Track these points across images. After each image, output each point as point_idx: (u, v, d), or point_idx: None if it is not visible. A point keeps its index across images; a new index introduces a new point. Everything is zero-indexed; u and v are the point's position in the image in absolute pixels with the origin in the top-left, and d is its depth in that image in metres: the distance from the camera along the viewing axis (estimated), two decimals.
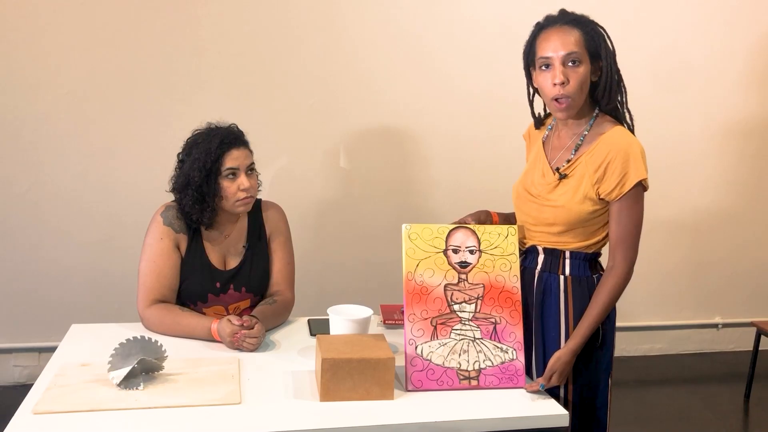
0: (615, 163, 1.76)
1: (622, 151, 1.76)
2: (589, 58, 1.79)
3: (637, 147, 1.78)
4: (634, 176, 1.75)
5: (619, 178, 1.76)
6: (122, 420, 1.53)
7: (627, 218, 1.79)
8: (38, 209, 3.21)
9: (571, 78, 1.77)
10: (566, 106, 1.79)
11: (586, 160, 1.81)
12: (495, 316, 1.80)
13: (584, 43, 1.78)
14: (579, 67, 1.77)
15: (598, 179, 1.78)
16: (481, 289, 1.80)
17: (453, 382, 1.74)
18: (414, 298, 1.77)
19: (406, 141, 3.51)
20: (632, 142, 1.79)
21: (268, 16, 3.26)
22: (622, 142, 1.78)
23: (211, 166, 2.04)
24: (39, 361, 3.31)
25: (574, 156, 1.84)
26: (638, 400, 3.47)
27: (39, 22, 3.08)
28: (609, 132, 1.81)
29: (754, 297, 4.10)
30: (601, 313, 1.79)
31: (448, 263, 1.80)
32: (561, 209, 1.83)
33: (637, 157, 1.76)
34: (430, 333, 1.76)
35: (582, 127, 1.86)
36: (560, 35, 1.78)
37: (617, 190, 1.77)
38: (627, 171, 1.75)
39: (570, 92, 1.77)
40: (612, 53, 1.81)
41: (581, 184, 1.80)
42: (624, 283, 1.81)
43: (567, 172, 1.83)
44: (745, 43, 3.76)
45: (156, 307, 2.05)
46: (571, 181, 1.82)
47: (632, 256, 1.81)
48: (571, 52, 1.76)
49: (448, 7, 3.42)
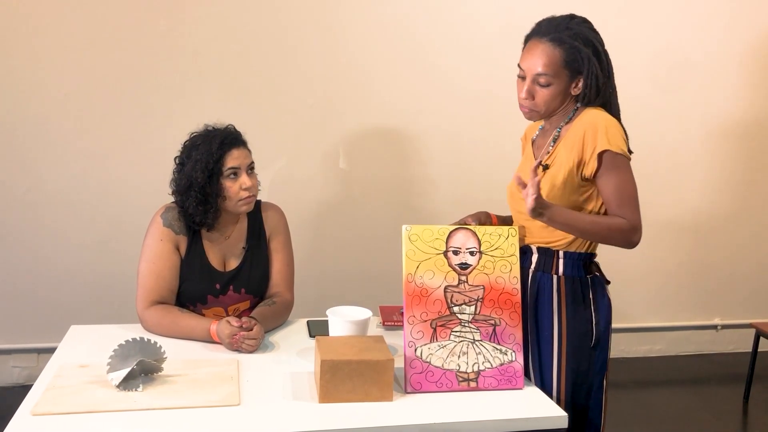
0: (585, 140, 1.78)
1: (588, 127, 1.78)
2: (569, 74, 1.80)
3: (601, 119, 1.79)
4: (600, 147, 1.76)
5: (589, 152, 1.78)
6: (121, 421, 1.53)
7: (617, 189, 1.78)
8: (37, 211, 3.21)
9: (536, 96, 1.83)
10: (528, 114, 1.87)
11: (562, 146, 1.83)
12: (495, 318, 1.79)
13: (563, 62, 1.79)
14: (546, 89, 1.81)
15: (574, 161, 1.80)
16: (481, 290, 1.80)
17: (452, 384, 1.74)
18: (414, 300, 1.77)
19: (405, 142, 3.51)
20: (597, 116, 1.80)
21: (267, 17, 3.26)
22: (588, 120, 1.80)
23: (213, 167, 2.04)
24: (38, 362, 3.31)
25: (552, 147, 1.86)
26: (637, 402, 3.47)
27: (37, 24, 3.08)
28: (581, 114, 1.84)
29: (753, 298, 4.10)
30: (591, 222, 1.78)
31: (449, 265, 1.80)
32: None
33: (601, 128, 1.77)
34: (430, 335, 1.76)
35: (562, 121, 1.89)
36: (537, 53, 1.81)
37: (590, 165, 1.78)
38: (594, 145, 1.77)
39: (533, 107, 1.84)
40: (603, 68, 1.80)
41: (560, 170, 1.82)
42: (626, 232, 1.77)
43: (548, 162, 1.85)
44: (745, 42, 3.76)
45: (155, 309, 2.05)
46: (551, 170, 1.84)
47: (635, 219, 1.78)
48: (539, 74, 1.80)
49: (448, 8, 3.42)
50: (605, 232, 1.79)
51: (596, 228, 1.79)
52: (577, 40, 1.79)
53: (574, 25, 1.82)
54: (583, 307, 1.85)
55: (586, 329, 1.85)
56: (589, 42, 1.80)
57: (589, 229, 1.79)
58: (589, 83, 1.80)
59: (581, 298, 1.85)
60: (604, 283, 1.91)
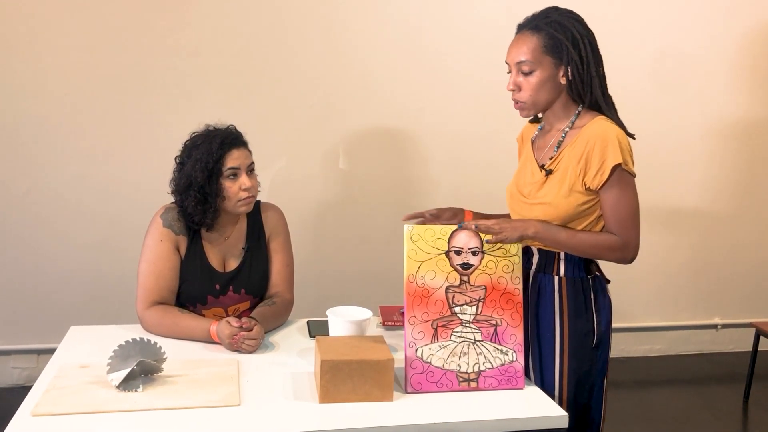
0: (594, 151, 1.77)
1: (599, 139, 1.77)
2: (553, 61, 1.79)
3: (613, 133, 1.77)
4: (611, 161, 1.75)
5: (598, 165, 1.77)
6: (121, 422, 1.53)
7: (617, 205, 1.78)
8: (37, 211, 3.21)
9: (522, 87, 1.83)
10: (520, 108, 1.86)
11: (569, 153, 1.82)
12: (496, 318, 1.79)
13: (543, 49, 1.78)
14: (531, 76, 1.80)
15: (581, 170, 1.79)
16: (483, 291, 1.80)
17: (452, 384, 1.74)
18: (415, 300, 1.76)
19: (405, 141, 3.51)
20: (609, 128, 1.79)
21: (267, 17, 3.26)
22: (599, 130, 1.78)
23: (213, 167, 2.04)
24: (38, 362, 3.31)
25: (557, 152, 1.85)
26: (637, 401, 3.46)
27: (37, 24, 3.08)
28: (588, 123, 1.82)
29: (753, 297, 4.10)
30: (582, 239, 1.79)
31: (450, 265, 1.79)
32: (549, 206, 1.83)
33: (613, 142, 1.76)
34: (431, 335, 1.76)
35: (565, 124, 1.87)
36: (518, 43, 1.82)
37: (598, 177, 1.77)
38: (605, 158, 1.76)
39: (521, 99, 1.84)
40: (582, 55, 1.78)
41: (566, 178, 1.81)
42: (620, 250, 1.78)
43: (552, 167, 1.85)
44: (745, 43, 3.76)
45: (155, 309, 2.05)
46: (556, 175, 1.84)
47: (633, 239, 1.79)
48: (521, 62, 1.80)
49: (447, 7, 3.42)
50: (595, 250, 1.80)
51: (584, 246, 1.79)
52: (554, 27, 1.78)
53: (555, 14, 1.81)
54: (585, 307, 1.85)
55: (588, 329, 1.84)
56: (567, 29, 1.78)
57: (578, 245, 1.79)
58: (571, 70, 1.79)
59: (582, 298, 1.84)
60: (604, 282, 1.91)
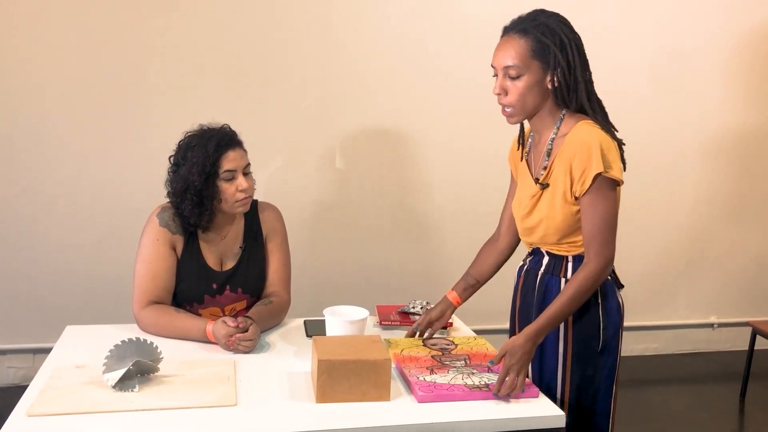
0: (577, 159, 1.73)
1: (581, 146, 1.72)
2: (541, 66, 1.75)
3: (596, 139, 1.71)
4: (594, 169, 1.70)
5: (580, 172, 1.73)
6: (117, 422, 1.52)
7: (594, 213, 1.74)
8: (32, 211, 3.20)
9: (509, 91, 1.78)
10: (508, 114, 1.82)
11: (558, 164, 1.78)
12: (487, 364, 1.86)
13: (531, 53, 1.74)
14: (518, 81, 1.76)
15: (571, 180, 1.75)
16: (466, 357, 1.92)
17: (463, 394, 1.69)
18: (405, 362, 1.86)
19: (401, 141, 3.50)
20: (591, 134, 1.73)
21: (263, 17, 3.26)
22: (582, 137, 1.73)
23: (210, 170, 2.03)
24: (33, 362, 3.30)
25: (548, 162, 1.81)
26: (634, 400, 3.47)
27: (32, 24, 3.07)
28: (573, 129, 1.77)
29: (749, 297, 4.11)
30: (566, 303, 1.73)
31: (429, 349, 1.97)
32: (546, 220, 1.81)
33: (595, 149, 1.70)
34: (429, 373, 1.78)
35: (551, 131, 1.82)
36: (505, 46, 1.78)
37: (580, 185, 1.73)
38: (587, 165, 1.71)
39: (508, 103, 1.79)
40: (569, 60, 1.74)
41: (557, 188, 1.78)
42: (595, 279, 1.74)
43: (547, 180, 1.81)
44: (745, 42, 3.77)
45: (151, 309, 2.04)
46: (551, 188, 1.80)
47: (606, 252, 1.74)
48: (508, 66, 1.76)
49: (444, 7, 3.42)
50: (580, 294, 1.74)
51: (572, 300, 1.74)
52: (541, 31, 1.74)
53: (542, 17, 1.77)
54: (591, 311, 1.80)
55: (593, 333, 1.81)
56: (555, 33, 1.74)
57: (568, 305, 1.74)
58: (558, 75, 1.74)
59: (588, 301, 1.79)
60: (615, 286, 1.86)
